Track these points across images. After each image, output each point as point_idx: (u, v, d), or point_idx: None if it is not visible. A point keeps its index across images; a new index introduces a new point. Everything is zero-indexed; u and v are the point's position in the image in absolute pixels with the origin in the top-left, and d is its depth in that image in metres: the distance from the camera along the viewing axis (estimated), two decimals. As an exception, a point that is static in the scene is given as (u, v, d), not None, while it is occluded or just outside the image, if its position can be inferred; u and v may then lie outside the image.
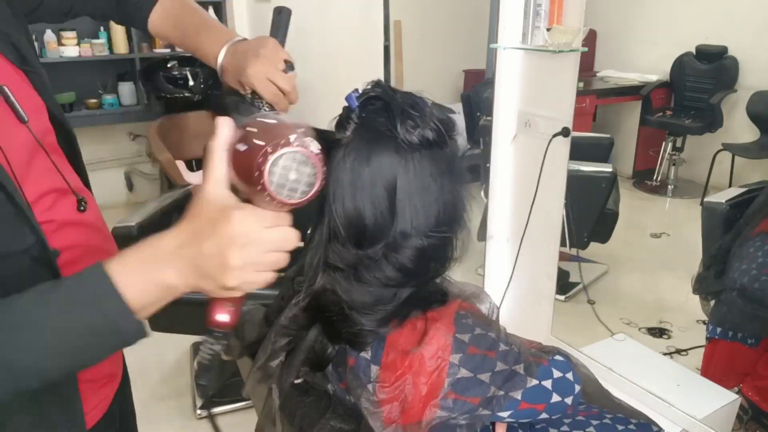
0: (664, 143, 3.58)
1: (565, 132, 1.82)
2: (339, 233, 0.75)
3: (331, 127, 0.78)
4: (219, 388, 2.26)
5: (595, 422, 0.97)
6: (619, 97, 3.49)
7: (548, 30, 1.75)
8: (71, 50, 3.60)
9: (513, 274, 2.12)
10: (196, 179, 2.59)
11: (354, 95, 0.75)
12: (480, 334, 0.78)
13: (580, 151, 2.00)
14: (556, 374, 0.84)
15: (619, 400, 1.06)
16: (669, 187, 3.62)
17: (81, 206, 0.80)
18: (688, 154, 3.58)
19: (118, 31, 3.67)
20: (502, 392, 0.78)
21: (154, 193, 4.05)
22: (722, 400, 1.71)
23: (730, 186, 3.06)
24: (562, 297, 2.51)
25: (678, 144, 3.58)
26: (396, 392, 0.76)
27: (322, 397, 0.87)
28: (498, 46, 1.93)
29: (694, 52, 3.50)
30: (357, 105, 0.75)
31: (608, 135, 3.09)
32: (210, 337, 0.65)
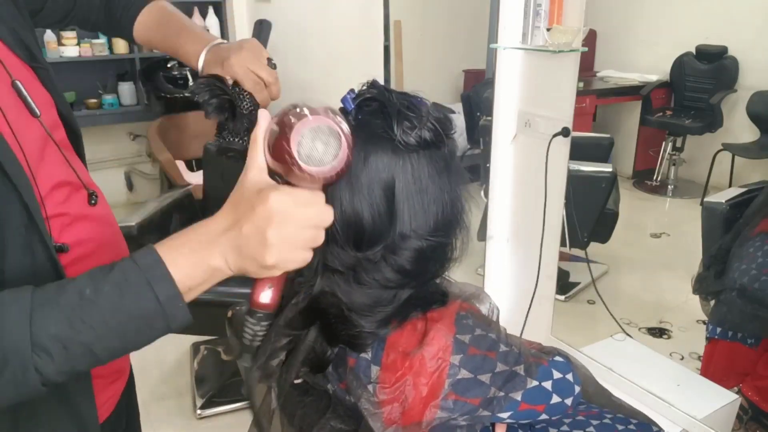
0: (664, 143, 3.58)
1: (565, 132, 1.82)
2: (337, 235, 0.75)
3: None
4: (219, 388, 2.26)
5: (595, 422, 0.97)
6: (619, 97, 3.49)
7: (548, 30, 1.75)
8: (71, 50, 3.60)
9: (515, 275, 2.12)
10: (196, 179, 2.59)
11: (349, 96, 0.74)
12: (480, 335, 0.78)
13: (580, 151, 2.00)
14: (556, 375, 0.84)
15: (619, 401, 1.06)
16: (669, 187, 3.62)
17: (92, 200, 0.80)
18: (688, 154, 3.58)
19: (118, 31, 3.68)
20: (502, 393, 0.78)
21: (154, 193, 4.05)
22: (722, 400, 1.71)
23: (730, 186, 3.06)
24: (562, 297, 2.51)
25: (678, 144, 3.57)
26: (396, 393, 0.76)
27: (322, 397, 0.87)
28: (498, 46, 1.93)
29: (694, 52, 3.49)
30: (353, 107, 0.74)
31: (608, 135, 3.09)
32: (252, 318, 0.67)
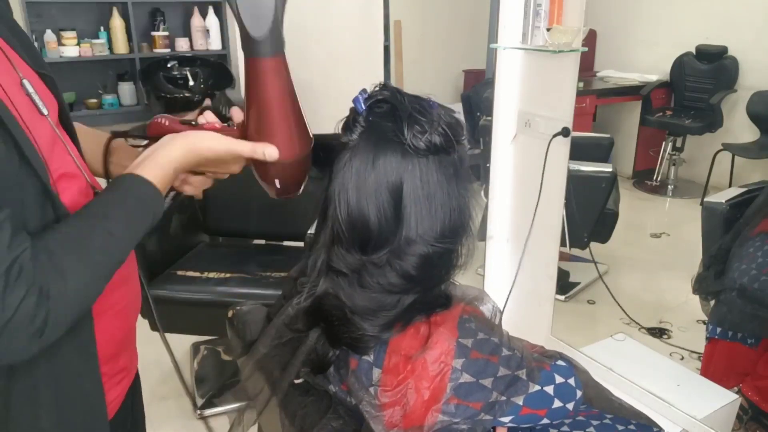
0: (664, 143, 3.58)
1: (565, 132, 1.82)
2: (343, 237, 0.74)
3: (338, 129, 0.77)
4: (219, 388, 2.26)
5: (595, 422, 0.97)
6: (619, 97, 3.49)
7: (548, 30, 1.75)
8: (71, 50, 3.59)
9: (515, 274, 2.12)
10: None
11: (361, 97, 0.74)
12: (483, 339, 0.78)
13: (580, 151, 2.00)
14: (558, 379, 0.84)
15: (620, 402, 1.06)
16: (669, 187, 3.62)
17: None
18: (688, 154, 3.58)
19: (118, 31, 3.67)
20: (504, 397, 0.78)
21: (154, 193, 4.03)
22: (722, 400, 1.71)
23: (730, 186, 3.07)
24: (562, 297, 2.51)
25: (678, 144, 3.58)
26: (398, 396, 0.76)
27: (323, 398, 0.87)
28: (498, 46, 1.93)
29: (694, 52, 3.49)
30: (364, 108, 0.74)
31: (608, 135, 3.09)
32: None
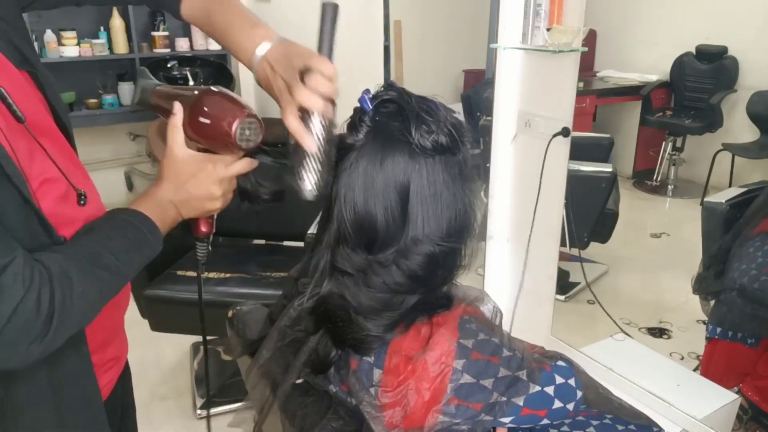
0: (664, 143, 3.58)
1: (565, 132, 1.82)
2: (349, 237, 0.75)
3: (343, 129, 0.77)
4: (219, 388, 2.26)
5: (595, 422, 0.97)
6: (619, 97, 3.49)
7: (548, 30, 1.75)
8: (71, 50, 3.59)
9: (515, 275, 2.12)
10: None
11: (367, 97, 0.74)
12: (484, 340, 0.78)
13: (580, 151, 2.00)
14: (559, 380, 0.84)
15: (620, 402, 1.06)
16: (669, 187, 3.62)
17: (81, 201, 0.80)
18: (688, 154, 3.58)
19: (118, 31, 3.66)
20: (504, 398, 0.78)
21: (154, 193, 4.04)
22: (722, 400, 1.71)
23: (730, 186, 3.06)
24: (562, 297, 2.51)
25: (678, 144, 3.58)
26: (398, 397, 0.76)
27: (323, 398, 0.87)
28: (498, 46, 1.93)
29: (694, 52, 3.49)
30: (371, 108, 0.74)
31: (608, 135, 3.09)
32: (201, 243, 0.92)
